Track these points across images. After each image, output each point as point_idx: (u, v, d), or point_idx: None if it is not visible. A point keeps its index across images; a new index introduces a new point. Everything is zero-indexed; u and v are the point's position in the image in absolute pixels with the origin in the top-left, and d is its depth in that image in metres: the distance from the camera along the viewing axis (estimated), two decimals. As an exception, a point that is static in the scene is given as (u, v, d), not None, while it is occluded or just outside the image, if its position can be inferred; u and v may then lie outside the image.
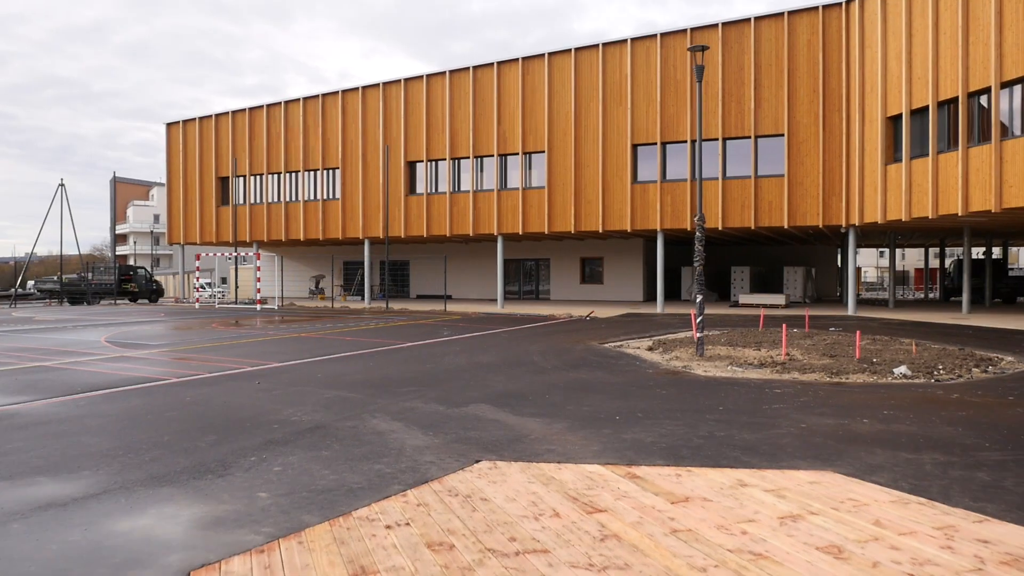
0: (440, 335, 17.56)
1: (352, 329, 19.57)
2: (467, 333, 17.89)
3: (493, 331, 18.66)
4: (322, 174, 34.45)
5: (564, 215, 29.03)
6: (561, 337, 16.82)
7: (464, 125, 30.86)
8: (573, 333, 18.13)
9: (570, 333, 18.10)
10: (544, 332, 18.46)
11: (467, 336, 17.23)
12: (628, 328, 19.74)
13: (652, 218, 27.66)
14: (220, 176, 37.47)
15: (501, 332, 18.42)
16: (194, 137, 38.05)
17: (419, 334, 17.84)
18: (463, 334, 17.63)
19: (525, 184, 29.88)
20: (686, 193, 27.05)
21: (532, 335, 17.48)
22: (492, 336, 17.28)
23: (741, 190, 26.39)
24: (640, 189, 27.81)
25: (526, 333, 18.18)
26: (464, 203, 31.05)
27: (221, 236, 37.50)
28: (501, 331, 18.75)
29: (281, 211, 35.59)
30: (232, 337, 17.69)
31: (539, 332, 18.50)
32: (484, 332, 18.21)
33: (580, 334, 17.81)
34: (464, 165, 31.32)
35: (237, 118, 36.68)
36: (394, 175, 32.53)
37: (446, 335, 17.56)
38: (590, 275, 36.42)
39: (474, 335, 17.52)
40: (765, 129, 25.96)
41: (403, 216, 32.28)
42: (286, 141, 35.25)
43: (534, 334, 17.80)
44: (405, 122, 32.13)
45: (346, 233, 33.85)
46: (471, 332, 18.17)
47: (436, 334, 17.74)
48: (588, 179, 28.55)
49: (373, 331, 18.94)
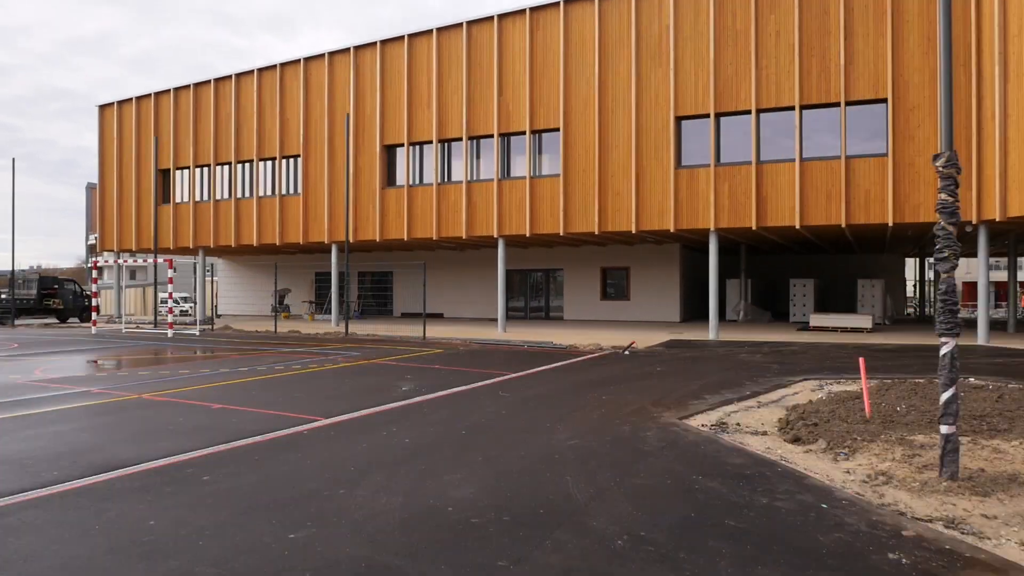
0: (392, 393, 10.56)
1: (236, 381, 12.61)
2: (439, 390, 10.79)
3: (484, 383, 11.69)
4: (280, 164, 27.74)
5: (584, 211, 22.24)
6: (606, 401, 9.83)
7: (455, 98, 24.15)
8: (620, 387, 11.19)
9: (616, 387, 11.15)
10: (571, 386, 11.52)
11: (435, 397, 10.14)
12: (700, 373, 12.86)
13: (703, 214, 20.84)
14: (160, 168, 30.77)
15: (497, 385, 11.46)
16: (130, 121, 31.39)
17: (352, 392, 10.77)
18: (431, 392, 10.54)
19: (534, 172, 23.12)
20: (749, 180, 20.24)
21: (552, 396, 10.51)
22: (480, 398, 10.23)
23: (826, 175, 19.59)
24: (687, 176, 21.02)
25: (540, 389, 11.25)
26: (455, 197, 24.28)
27: (162, 242, 30.75)
28: (497, 382, 11.82)
29: (231, 210, 28.84)
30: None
31: (562, 386, 11.58)
32: (468, 387, 11.21)
33: (633, 390, 10.87)
34: (455, 149, 24.58)
35: (180, 96, 30.02)
36: (367, 163, 25.80)
37: (402, 393, 10.54)
38: (613, 290, 29.56)
39: (449, 393, 10.52)
40: (859, 92, 19.18)
41: (378, 214, 25.50)
42: (237, 124, 28.56)
43: (555, 392, 10.84)
44: (382, 96, 25.43)
45: (308, 236, 27.08)
46: (445, 386, 11.13)
47: (385, 392, 10.65)
48: (616, 164, 21.78)
49: (269, 384, 11.98)
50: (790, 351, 16.80)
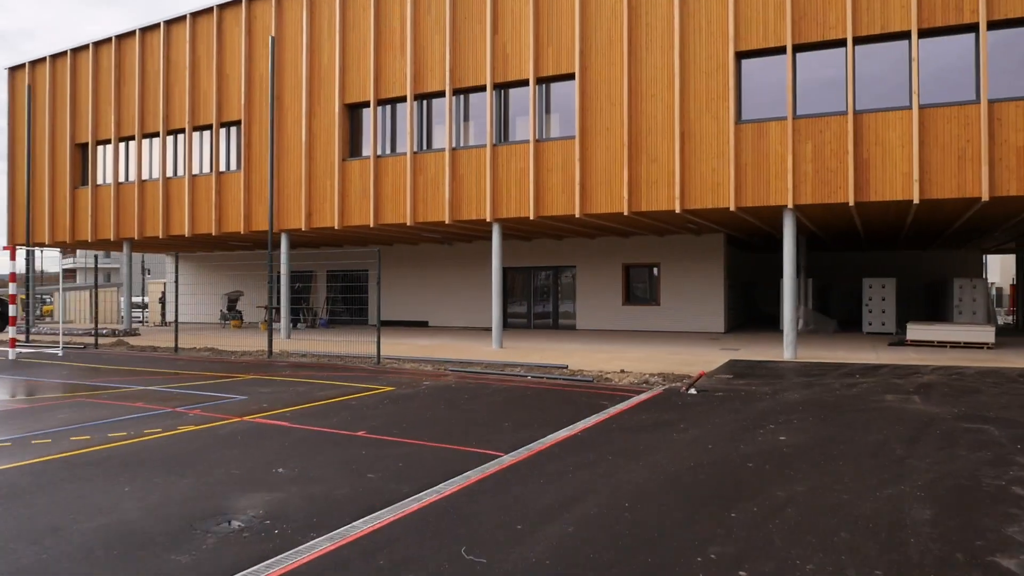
0: (156, 554, 4.67)
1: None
2: (312, 534, 4.87)
3: (438, 496, 5.73)
4: (218, 134, 21.92)
5: (609, 186, 16.39)
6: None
7: (436, 38, 18.33)
8: (756, 509, 5.28)
9: (747, 512, 5.25)
10: (642, 502, 5.62)
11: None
12: (883, 451, 6.98)
13: (776, 185, 14.97)
14: (78, 143, 24.98)
15: (467, 511, 5.55)
16: (44, 86, 25.60)
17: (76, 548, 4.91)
18: (284, 552, 4.72)
19: (540, 134, 17.30)
20: (842, 137, 14.39)
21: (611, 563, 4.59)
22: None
23: (957, 127, 13.74)
24: (752, 134, 15.17)
25: (573, 519, 5.32)
26: (436, 170, 18.43)
27: (78, 233, 24.94)
28: (469, 488, 5.91)
29: (158, 192, 22.99)
30: None
31: (619, 503, 5.65)
32: (400, 513, 5.31)
33: (808, 520, 4.98)
34: (437, 108, 18.75)
35: (101, 53, 24.22)
36: (323, 127, 19.97)
37: (192, 560, 4.68)
38: (639, 292, 23.67)
39: (328, 555, 4.66)
40: (1006, 8, 13.35)
41: (337, 193, 19.65)
42: (167, 84, 22.75)
43: (615, 540, 4.92)
44: (342, 40, 19.61)
45: (251, 224, 21.25)
46: (340, 512, 5.26)
47: (154, 548, 4.77)
48: (653, 120, 15.94)
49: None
50: (944, 384, 10.91)
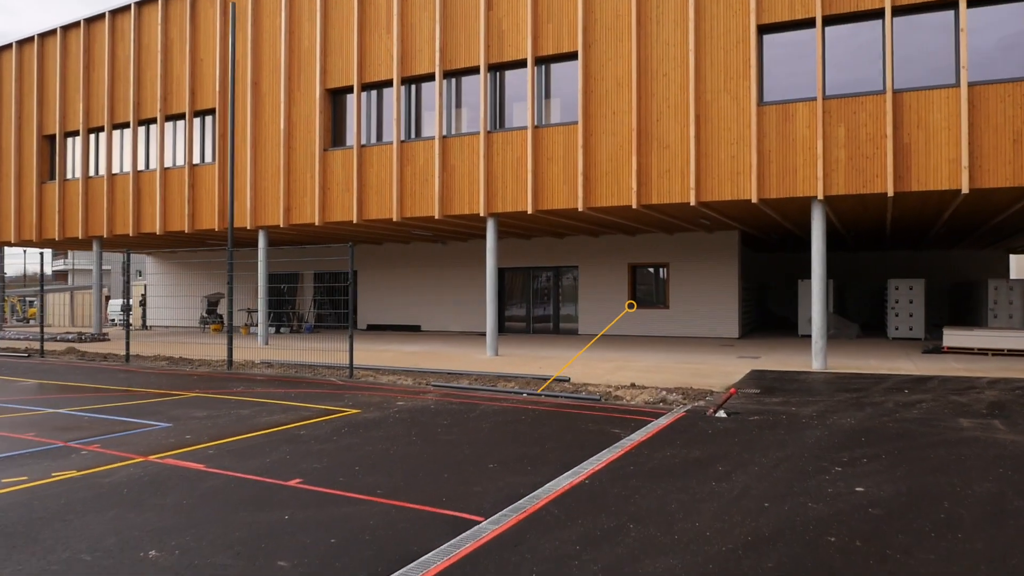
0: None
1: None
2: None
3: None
4: (191, 123, 20.29)
5: (616, 176, 14.76)
6: None
7: (424, 15, 16.72)
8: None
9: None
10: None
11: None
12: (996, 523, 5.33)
13: (805, 174, 13.34)
14: (45, 135, 23.35)
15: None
16: (10, 74, 24.00)
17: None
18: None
19: (538, 120, 15.67)
20: (879, 119, 12.77)
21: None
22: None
23: (1011, 107, 12.12)
24: (776, 116, 13.55)
25: None
26: (425, 159, 16.81)
27: (46, 231, 23.31)
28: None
29: (128, 186, 21.37)
30: None
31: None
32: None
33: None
34: (427, 92, 17.14)
35: (70, 38, 22.62)
36: (303, 115, 18.36)
37: None
38: (647, 295, 22.03)
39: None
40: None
41: (318, 186, 18.03)
42: (138, 70, 21.14)
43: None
44: (324, 19, 18.01)
45: (226, 221, 19.63)
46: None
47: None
48: (665, 102, 14.32)
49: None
50: (1017, 403, 9.25)
